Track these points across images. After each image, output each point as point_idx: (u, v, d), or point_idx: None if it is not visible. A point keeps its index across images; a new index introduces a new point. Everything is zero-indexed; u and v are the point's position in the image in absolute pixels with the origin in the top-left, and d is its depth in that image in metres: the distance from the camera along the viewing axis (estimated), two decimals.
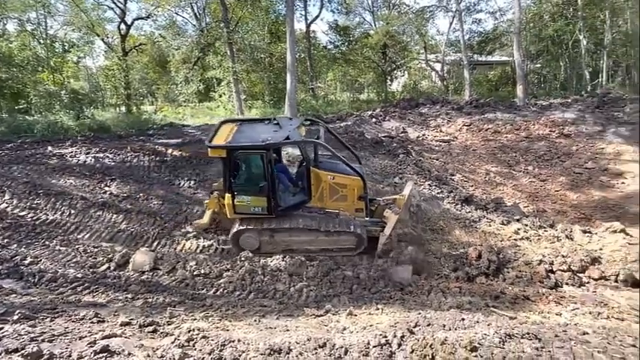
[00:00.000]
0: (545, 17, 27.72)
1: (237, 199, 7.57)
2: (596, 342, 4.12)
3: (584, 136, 13.84)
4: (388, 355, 2.68)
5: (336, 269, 7.05)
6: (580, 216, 9.94)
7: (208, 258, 7.66)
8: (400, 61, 31.37)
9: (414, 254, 7.19)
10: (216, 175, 11.81)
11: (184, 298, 5.82)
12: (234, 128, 7.98)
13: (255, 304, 5.46)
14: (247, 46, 26.69)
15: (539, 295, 6.48)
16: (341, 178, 7.87)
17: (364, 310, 4.98)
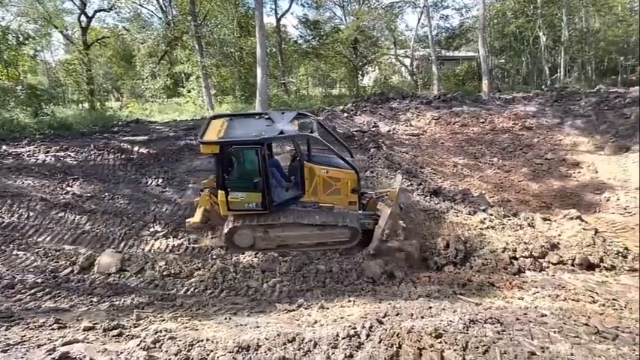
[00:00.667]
0: (508, 14, 28.78)
1: (231, 196, 7.35)
2: (553, 322, 4.36)
3: (544, 128, 14.53)
4: (356, 346, 2.73)
5: (309, 264, 7.09)
6: (541, 204, 10.46)
7: (179, 257, 7.49)
8: (371, 56, 31.66)
9: (412, 249, 7.35)
10: (185, 173, 11.55)
11: (153, 299, 5.68)
12: (225, 123, 7.77)
13: (227, 302, 5.41)
14: (216, 40, 26.09)
15: (504, 281, 6.79)
16: (335, 171, 7.80)
17: (336, 303, 5.04)
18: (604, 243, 7.95)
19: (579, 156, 12.76)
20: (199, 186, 10.87)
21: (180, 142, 13.65)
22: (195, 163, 12.14)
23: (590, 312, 5.47)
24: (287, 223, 7.56)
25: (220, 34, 26.59)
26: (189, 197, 9.75)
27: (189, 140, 13.82)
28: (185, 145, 13.45)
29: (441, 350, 2.76)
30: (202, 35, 24.21)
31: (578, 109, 15.19)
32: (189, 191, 10.60)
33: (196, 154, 12.78)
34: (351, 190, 7.82)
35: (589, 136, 13.62)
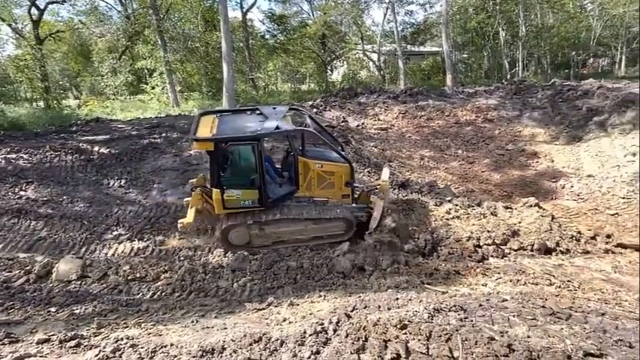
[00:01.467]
0: (470, 10, 29.71)
1: (227, 194, 7.13)
2: (512, 307, 4.57)
3: (505, 120, 15.16)
4: (323, 342, 2.74)
5: (280, 261, 7.05)
6: (502, 194, 10.92)
7: (144, 260, 7.24)
8: (339, 51, 31.78)
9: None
10: (149, 173, 11.17)
11: (117, 305, 5.46)
12: (216, 120, 7.53)
13: (196, 304, 5.29)
14: (180, 34, 25.27)
15: (469, 269, 7.03)
16: (329, 165, 7.78)
17: (306, 299, 5.05)
18: (560, 228, 8.42)
19: (537, 146, 13.42)
20: (165, 186, 10.58)
21: (143, 140, 13.16)
22: (160, 163, 11.75)
23: (547, 294, 5.77)
24: (283, 219, 7.48)
25: (184, 29, 25.79)
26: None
27: (153, 139, 13.35)
28: (149, 143, 12.98)
29: (405, 341, 2.82)
30: (165, 30, 23.39)
31: (535, 102, 15.95)
32: (154, 192, 10.26)
33: (161, 152, 12.38)
34: (344, 183, 7.87)
35: (545, 127, 14.34)
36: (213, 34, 25.67)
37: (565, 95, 15.61)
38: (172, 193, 10.33)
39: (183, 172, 11.25)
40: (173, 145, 12.87)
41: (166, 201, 9.98)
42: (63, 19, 27.41)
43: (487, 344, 2.95)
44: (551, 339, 3.46)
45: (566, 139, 13.36)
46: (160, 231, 8.61)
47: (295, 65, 33.82)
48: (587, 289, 6.48)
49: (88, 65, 29.21)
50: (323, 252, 7.44)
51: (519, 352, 2.91)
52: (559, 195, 10.72)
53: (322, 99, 19.99)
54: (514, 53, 30.19)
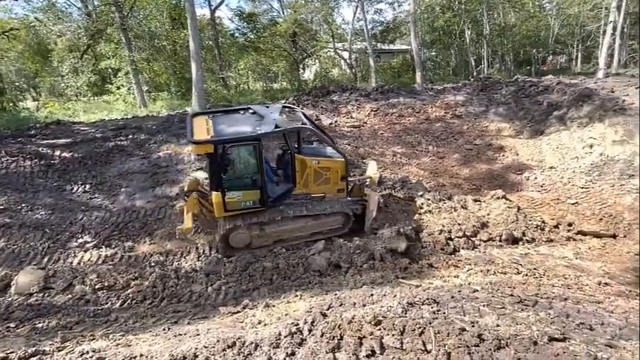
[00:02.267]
0: (437, 9, 30.41)
1: (228, 196, 6.99)
2: (483, 297, 4.72)
3: (472, 116, 15.64)
4: (298, 343, 2.72)
5: (255, 262, 6.97)
6: (472, 187, 11.27)
7: (113, 268, 6.96)
8: (310, 49, 31.72)
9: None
10: (116, 177, 10.77)
11: (84, 316, 5.22)
12: (209, 121, 7.31)
13: (168, 311, 5.13)
14: (145, 32, 24.41)
15: (441, 262, 7.19)
16: (325, 161, 7.84)
17: (282, 300, 5.01)
18: (525, 218, 8.78)
19: (502, 140, 13.94)
20: (133, 190, 10.22)
21: (109, 143, 12.65)
22: (127, 166, 11.34)
23: (515, 283, 6.01)
24: (284, 218, 7.50)
25: (150, 27, 24.92)
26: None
27: (119, 141, 12.86)
28: (115, 146, 12.50)
29: (380, 337, 2.85)
30: (129, 28, 22.50)
31: (500, 98, 16.56)
32: (121, 196, 9.89)
33: (128, 155, 11.95)
34: (340, 178, 7.93)
35: (510, 121, 14.92)
36: (180, 32, 24.97)
37: (527, 91, 16.28)
38: (141, 197, 10.00)
39: (153, 174, 10.91)
40: (141, 148, 12.45)
41: (135, 205, 9.65)
42: (17, 17, 25.84)
43: (458, 335, 3.03)
44: (518, 326, 3.59)
45: (530, 133, 13.95)
46: (129, 237, 8.32)
47: (267, 64, 33.47)
48: (551, 275, 6.79)
49: (47, 65, 27.69)
50: (299, 251, 7.41)
51: (489, 342, 3.00)
52: (524, 187, 11.18)
53: (295, 97, 19.91)
54: (479, 51, 31.20)
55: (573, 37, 33.67)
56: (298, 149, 7.86)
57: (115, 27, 22.28)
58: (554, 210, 9.73)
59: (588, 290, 6.14)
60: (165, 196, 10.07)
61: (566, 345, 3.20)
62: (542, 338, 3.23)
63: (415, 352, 2.74)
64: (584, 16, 29.15)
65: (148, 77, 26.19)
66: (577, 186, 10.57)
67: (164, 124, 14.61)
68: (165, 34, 25.17)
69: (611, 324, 4.08)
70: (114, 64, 23.62)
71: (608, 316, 4.54)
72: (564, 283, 6.37)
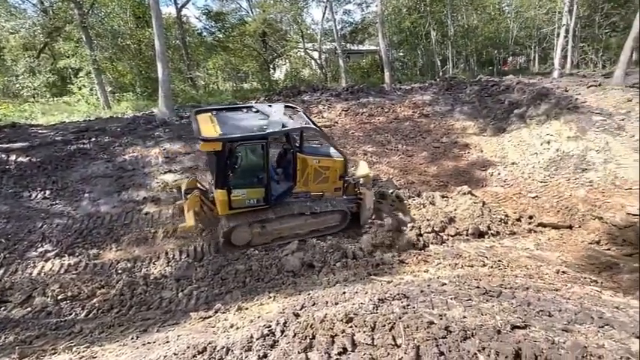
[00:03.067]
0: (403, 11, 31.08)
1: (233, 194, 7.08)
2: (450, 290, 4.90)
3: (439, 115, 16.11)
4: (271, 345, 2.72)
5: (227, 265, 6.88)
6: (439, 184, 11.62)
7: (76, 277, 6.67)
8: (280, 49, 31.56)
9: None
10: (78, 181, 10.30)
11: (45, 329, 4.96)
12: (214, 118, 7.36)
13: (136, 319, 4.97)
14: (108, 31, 23.43)
15: (412, 257, 7.39)
16: (325, 160, 8.03)
17: (256, 302, 4.98)
18: (490, 213, 9.17)
19: (468, 138, 14.46)
20: (97, 195, 9.81)
21: (70, 146, 12.05)
22: (90, 170, 10.86)
23: (481, 275, 6.26)
24: (285, 216, 7.63)
25: (113, 25, 23.94)
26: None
27: (81, 144, 12.28)
28: (77, 149, 11.92)
29: (352, 334, 2.89)
30: (90, 26, 21.52)
31: (465, 97, 17.16)
32: (84, 202, 9.46)
33: (91, 159, 11.44)
34: (338, 177, 8.18)
35: (474, 120, 15.49)
36: (145, 30, 24.15)
37: (490, 90, 16.97)
38: (106, 202, 9.61)
39: (118, 178, 10.52)
40: (105, 150, 11.95)
41: (99, 211, 9.27)
42: None
43: (427, 328, 3.12)
44: (483, 316, 3.75)
45: (493, 131, 14.56)
46: (94, 244, 7.99)
47: (236, 63, 32.99)
48: (514, 266, 7.14)
49: None
50: (272, 252, 7.38)
51: (456, 333, 3.11)
52: (488, 182, 11.66)
53: (266, 98, 19.76)
54: (445, 52, 32.18)
55: (531, 39, 35.42)
56: (300, 148, 8.02)
57: (75, 25, 21.24)
58: (517, 204, 10.21)
59: (548, 279, 6.50)
60: (132, 201, 9.73)
61: (527, 332, 3.37)
62: (505, 327, 3.39)
63: (385, 347, 2.80)
64: (540, 20, 30.73)
65: (112, 77, 25.16)
66: (537, 180, 11.14)
67: (129, 125, 14.09)
68: (129, 33, 24.27)
69: (568, 310, 4.34)
70: (74, 64, 22.50)
71: (565, 302, 4.83)
72: (526, 273, 6.71)
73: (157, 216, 9.17)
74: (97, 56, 20.86)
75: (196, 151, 11.93)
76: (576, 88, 14.29)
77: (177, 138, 12.83)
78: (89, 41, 20.93)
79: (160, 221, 8.95)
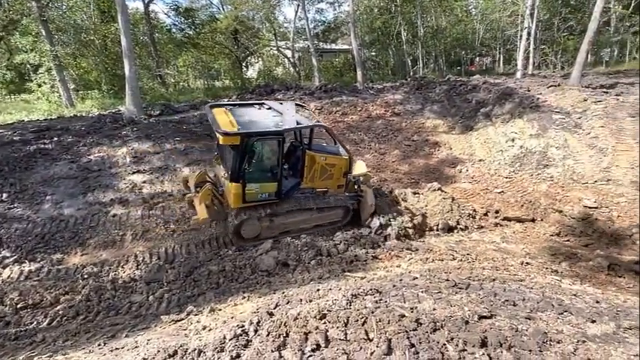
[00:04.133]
0: (375, 10, 31.49)
1: (248, 187, 7.27)
2: (421, 283, 5.03)
3: (410, 113, 16.47)
4: (244, 345, 2.70)
5: (200, 266, 6.75)
6: (411, 181, 11.88)
7: (38, 284, 6.35)
8: (253, 47, 31.22)
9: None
10: (39, 183, 9.80)
11: (3, 340, 4.69)
12: (229, 113, 7.53)
13: (104, 325, 4.79)
14: (69, 25, 22.35)
15: (385, 253, 7.51)
16: (331, 158, 8.28)
17: (229, 303, 4.92)
18: (459, 208, 9.46)
19: (437, 136, 14.86)
20: (60, 197, 9.37)
21: (29, 147, 11.43)
22: (52, 171, 10.34)
23: (450, 268, 6.47)
24: (292, 210, 7.89)
25: (75, 19, 22.86)
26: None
27: (42, 144, 11.68)
28: (37, 150, 11.32)
29: (325, 330, 2.92)
30: (50, 19, 20.44)
31: (434, 96, 17.62)
32: (46, 205, 9.01)
33: (53, 159, 10.90)
34: (342, 174, 8.45)
35: (444, 118, 15.94)
36: (111, 26, 23.21)
37: (458, 90, 17.51)
38: (70, 205, 9.19)
39: (83, 180, 10.08)
40: (68, 151, 11.42)
41: (63, 214, 8.85)
42: None
43: (398, 322, 3.21)
44: (453, 308, 3.89)
45: (461, 129, 15.03)
46: (57, 248, 7.63)
47: (207, 61, 32.36)
48: (482, 259, 7.41)
49: None
50: (245, 252, 7.31)
51: (426, 325, 3.21)
52: (457, 179, 12.03)
53: (238, 96, 19.51)
54: (415, 52, 32.89)
55: (496, 40, 36.82)
56: (309, 146, 8.29)
57: (33, 18, 20.11)
58: (484, 199, 10.59)
59: (513, 270, 6.80)
60: (99, 203, 9.36)
61: (493, 321, 3.52)
62: (472, 317, 3.52)
63: (358, 342, 2.85)
64: (504, 22, 31.97)
65: (75, 74, 24.03)
66: (502, 176, 11.61)
67: (95, 124, 13.53)
68: (93, 28, 23.25)
69: (531, 299, 4.56)
70: (33, 59, 21.32)
71: (528, 292, 5.07)
72: (493, 266, 6.98)
73: (126, 218, 8.87)
74: (58, 52, 19.86)
75: (165, 151, 11.63)
76: (538, 88, 14.99)
77: (146, 137, 12.43)
78: (49, 36, 19.90)
79: (128, 223, 8.67)
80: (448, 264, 6.96)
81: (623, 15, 27.85)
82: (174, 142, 12.28)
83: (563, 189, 10.38)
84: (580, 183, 10.42)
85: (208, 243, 7.94)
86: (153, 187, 10.08)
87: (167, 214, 9.07)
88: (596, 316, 4.03)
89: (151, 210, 9.18)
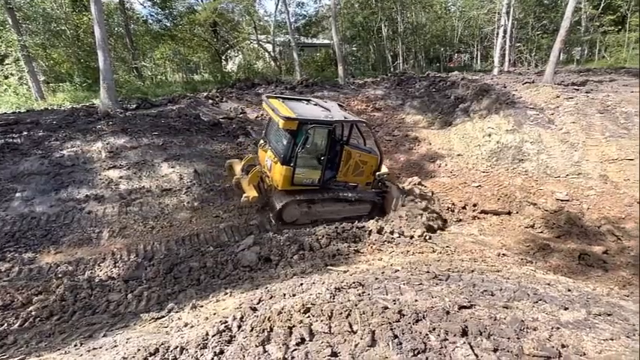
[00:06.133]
0: (356, 6, 31.50)
1: (297, 171, 7.83)
2: (403, 276, 5.12)
3: (391, 109, 16.62)
4: (227, 341, 2.67)
5: (180, 263, 6.63)
6: (393, 176, 12.02)
7: (8, 284, 6.08)
8: (232, 40, 30.68)
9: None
10: (8, 180, 9.36)
11: None
12: (284, 104, 8.18)
13: (80, 325, 4.64)
14: (38, 14, 21.32)
15: (367, 247, 7.60)
16: (365, 156, 8.82)
17: (211, 299, 4.85)
18: (438, 202, 9.66)
19: (418, 132, 15.07)
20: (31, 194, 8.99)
21: None
22: (22, 167, 9.89)
23: (430, 260, 6.60)
24: (328, 200, 8.43)
25: (45, 7, 21.82)
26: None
27: (10, 139, 11.14)
28: (5, 144, 10.80)
29: (309, 324, 2.93)
30: (16, 7, 19.45)
31: (415, 92, 17.84)
32: (15, 202, 8.62)
33: (23, 155, 10.42)
34: (372, 171, 8.97)
35: (424, 114, 16.17)
36: (83, 15, 22.31)
37: (437, 86, 17.78)
38: (42, 202, 8.82)
39: (55, 175, 9.68)
40: (39, 146, 10.93)
41: (34, 211, 8.48)
42: None
43: (382, 314, 3.25)
44: (434, 299, 3.97)
45: (440, 124, 15.30)
46: (29, 247, 7.32)
47: (186, 54, 31.56)
48: (461, 251, 7.61)
49: None
50: (227, 248, 7.23)
51: (408, 316, 3.27)
52: (437, 173, 12.25)
53: (218, 90, 19.18)
54: (395, 47, 33.15)
55: (474, 38, 37.55)
56: (347, 142, 8.85)
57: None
58: (462, 193, 10.84)
59: (490, 261, 7.01)
60: (73, 199, 9.02)
61: (472, 311, 3.62)
62: (453, 307, 3.61)
63: (342, 334, 2.87)
64: (481, 20, 32.63)
65: (46, 66, 23.00)
66: (480, 171, 11.90)
67: (67, 118, 13.01)
68: (64, 17, 22.27)
69: (508, 288, 4.70)
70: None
71: (505, 282, 5.23)
72: (471, 257, 7.18)
73: (102, 215, 8.60)
74: (26, 42, 18.94)
75: (143, 146, 11.32)
76: (513, 85, 15.40)
77: (122, 132, 12.05)
78: (16, 25, 18.94)
79: (104, 220, 8.40)
80: (428, 256, 7.10)
81: (592, 15, 28.91)
82: (152, 136, 11.95)
83: (537, 182, 10.74)
84: (553, 177, 10.81)
85: (189, 239, 7.80)
86: (130, 182, 9.79)
87: (145, 210, 8.84)
88: (569, 303, 4.20)
89: (128, 206, 8.93)
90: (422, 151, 13.68)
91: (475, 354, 2.69)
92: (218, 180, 10.06)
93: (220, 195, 9.50)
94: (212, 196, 9.43)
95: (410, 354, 2.63)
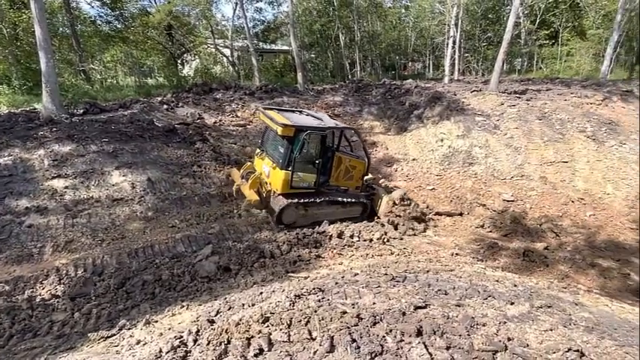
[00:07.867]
0: (314, 13, 31.90)
1: (295, 175, 8.41)
2: (362, 279, 5.22)
3: (349, 115, 16.97)
4: (182, 357, 2.58)
5: (133, 277, 6.30)
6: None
7: None
8: (189, 44, 29.84)
9: None
10: None
11: None
12: (279, 113, 8.94)
13: (18, 351, 4.26)
14: None
15: (327, 252, 7.67)
16: (354, 161, 9.45)
17: (167, 313, 4.65)
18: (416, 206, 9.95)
19: (375, 137, 15.49)
20: None
21: None
22: None
23: (388, 263, 6.79)
24: (324, 202, 8.90)
25: None
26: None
27: None
28: None
29: (268, 334, 2.91)
30: None
31: (372, 99, 18.35)
32: None
33: None
34: (361, 176, 9.53)
35: (380, 120, 16.67)
36: (22, 13, 20.69)
37: (393, 93, 18.41)
38: None
39: None
40: None
41: None
42: None
43: (340, 318, 3.30)
44: (391, 301, 4.09)
45: (396, 130, 15.84)
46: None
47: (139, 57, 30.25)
48: (417, 252, 7.89)
49: None
50: (184, 259, 6.98)
51: (366, 320, 3.34)
52: (394, 177, 12.66)
53: (173, 94, 18.55)
54: (353, 55, 33.92)
55: (426, 47, 39.34)
56: (337, 148, 9.49)
57: None
58: (418, 196, 11.28)
59: (444, 261, 7.33)
60: (10, 212, 8.29)
61: (427, 311, 3.77)
62: (409, 308, 3.74)
63: (302, 342, 2.88)
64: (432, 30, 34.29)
65: None
66: (433, 174, 12.45)
67: (4, 124, 11.99)
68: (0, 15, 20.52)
69: (460, 287, 4.95)
70: None
71: (458, 280, 5.50)
72: (427, 258, 7.46)
73: (45, 228, 7.97)
74: None
75: (91, 153, 10.68)
76: (463, 93, 16.30)
77: (68, 138, 11.28)
78: None
79: (48, 234, 7.80)
80: (387, 259, 7.29)
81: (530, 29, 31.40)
82: (101, 143, 11.29)
83: (485, 184, 11.42)
84: (499, 179, 11.55)
85: (142, 251, 7.43)
86: (77, 192, 9.18)
87: (94, 221, 8.32)
88: (514, 298, 4.50)
89: (74, 218, 8.35)
90: (379, 156, 14.07)
91: (429, 353, 2.80)
92: (174, 188, 9.71)
93: (176, 203, 9.17)
94: (167, 205, 9.08)
95: (367, 357, 2.69)
